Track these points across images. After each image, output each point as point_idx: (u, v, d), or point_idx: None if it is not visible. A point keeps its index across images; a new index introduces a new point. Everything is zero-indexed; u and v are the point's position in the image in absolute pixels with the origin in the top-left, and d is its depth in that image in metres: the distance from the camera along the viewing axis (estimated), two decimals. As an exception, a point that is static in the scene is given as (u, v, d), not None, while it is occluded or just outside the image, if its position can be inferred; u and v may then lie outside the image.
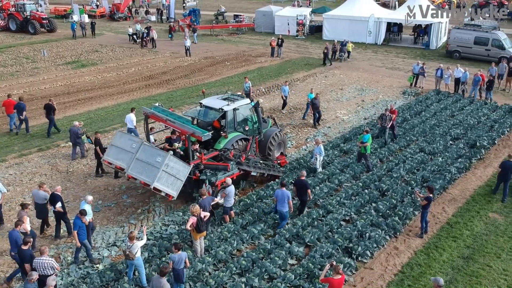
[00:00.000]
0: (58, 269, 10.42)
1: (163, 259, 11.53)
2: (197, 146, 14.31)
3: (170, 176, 12.80)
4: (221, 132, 15.13)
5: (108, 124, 20.92)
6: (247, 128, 15.62)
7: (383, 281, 11.14)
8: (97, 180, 16.03)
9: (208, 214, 11.60)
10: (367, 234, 12.43)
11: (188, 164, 13.34)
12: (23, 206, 11.85)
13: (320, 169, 16.09)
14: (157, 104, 15.83)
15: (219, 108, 14.91)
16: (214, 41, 40.93)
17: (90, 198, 12.23)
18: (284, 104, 23.02)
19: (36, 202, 12.59)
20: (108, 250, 12.25)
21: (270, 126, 16.90)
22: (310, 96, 21.30)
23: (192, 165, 13.48)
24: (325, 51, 31.70)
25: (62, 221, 12.71)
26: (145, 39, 37.99)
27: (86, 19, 46.94)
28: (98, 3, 55.95)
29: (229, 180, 12.92)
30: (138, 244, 10.38)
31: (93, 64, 32.62)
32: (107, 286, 10.76)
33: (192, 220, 10.99)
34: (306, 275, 10.94)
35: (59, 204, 12.22)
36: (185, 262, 10.12)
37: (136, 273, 10.79)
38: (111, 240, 12.66)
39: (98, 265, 11.52)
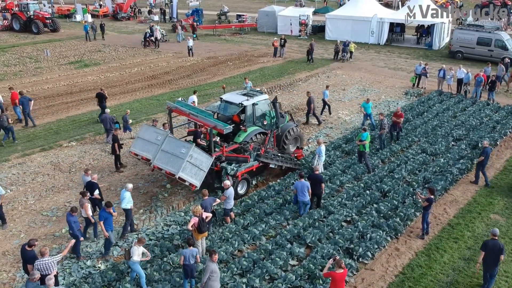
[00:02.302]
0: (65, 253, 10.69)
1: (165, 259, 11.58)
2: (217, 139, 14.95)
3: (193, 167, 13.39)
4: (241, 126, 15.62)
5: (110, 124, 20.94)
6: (265, 123, 16.09)
7: (383, 282, 11.16)
8: (99, 180, 16.06)
9: (210, 214, 11.68)
10: (368, 235, 12.46)
11: (210, 156, 13.83)
12: (83, 194, 12.41)
13: (321, 170, 16.09)
14: (180, 99, 16.31)
15: (239, 103, 15.48)
16: (216, 41, 40.99)
17: (130, 186, 12.77)
18: (328, 107, 22.18)
19: (84, 185, 13.56)
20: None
21: (287, 121, 17.39)
22: (365, 106, 20.01)
23: (214, 157, 13.99)
24: (310, 48, 32.08)
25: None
26: (148, 39, 38.06)
27: (89, 18, 47.06)
28: (101, 3, 56.09)
29: (228, 183, 13.02)
30: (136, 249, 10.45)
31: (96, 64, 32.71)
32: (108, 286, 10.82)
33: (194, 220, 11.05)
34: (307, 276, 10.97)
35: (96, 192, 13.10)
36: (195, 258, 10.29)
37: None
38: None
39: (99, 265, 11.59)
